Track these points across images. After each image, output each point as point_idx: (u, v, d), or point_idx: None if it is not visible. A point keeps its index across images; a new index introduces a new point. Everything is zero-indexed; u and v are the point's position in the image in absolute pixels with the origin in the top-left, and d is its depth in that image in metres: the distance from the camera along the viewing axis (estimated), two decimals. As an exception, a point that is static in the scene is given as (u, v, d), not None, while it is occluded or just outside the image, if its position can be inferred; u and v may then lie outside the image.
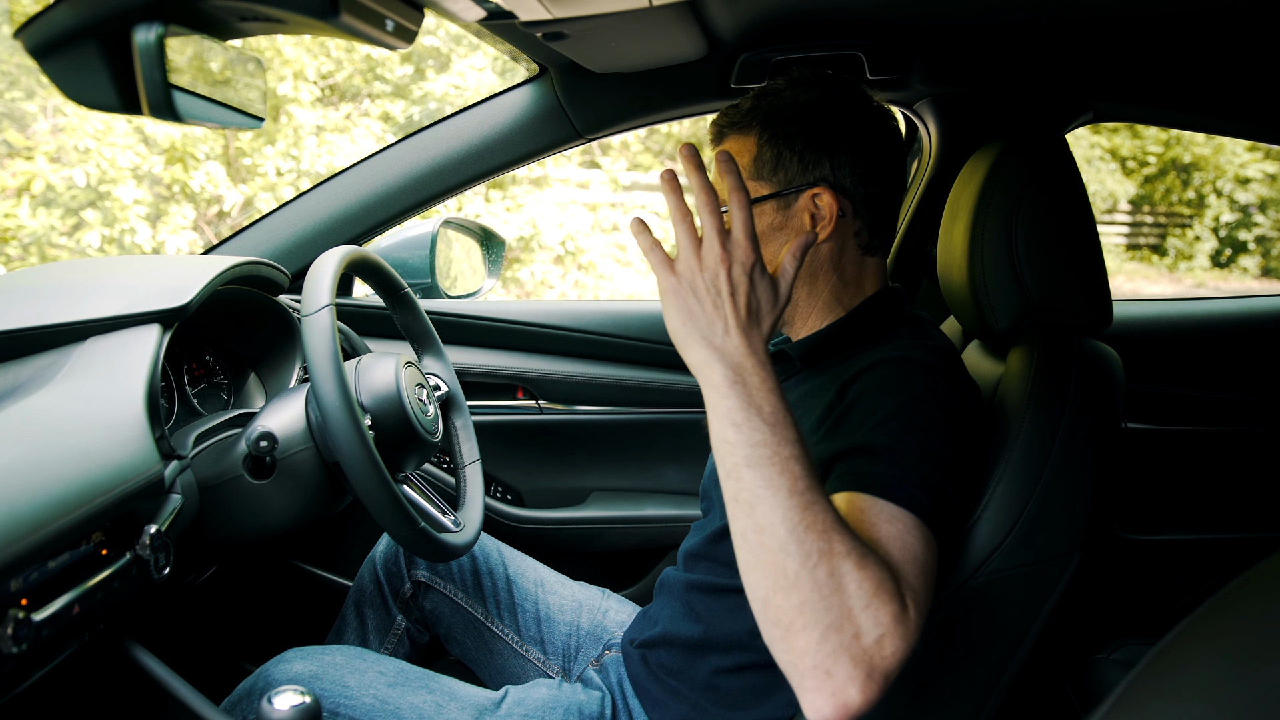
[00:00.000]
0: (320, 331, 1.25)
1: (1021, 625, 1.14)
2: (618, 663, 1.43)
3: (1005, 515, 1.12)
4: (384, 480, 1.24)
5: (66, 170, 5.76)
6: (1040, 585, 1.13)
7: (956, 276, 1.33)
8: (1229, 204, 11.90)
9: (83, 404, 1.13)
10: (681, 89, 1.74)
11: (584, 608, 1.57)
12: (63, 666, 1.05)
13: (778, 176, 1.23)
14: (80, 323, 1.26)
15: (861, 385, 1.11)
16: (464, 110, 1.84)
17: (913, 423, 1.05)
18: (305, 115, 6.62)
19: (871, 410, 1.07)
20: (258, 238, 1.80)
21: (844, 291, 1.27)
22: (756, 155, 1.24)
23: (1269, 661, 0.47)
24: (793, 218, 1.23)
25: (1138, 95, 1.82)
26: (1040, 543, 1.12)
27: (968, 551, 1.12)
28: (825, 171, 1.22)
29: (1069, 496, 1.13)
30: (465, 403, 1.67)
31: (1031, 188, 1.26)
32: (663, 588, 1.39)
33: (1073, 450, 1.14)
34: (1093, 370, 1.20)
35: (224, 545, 1.36)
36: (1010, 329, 1.28)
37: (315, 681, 1.27)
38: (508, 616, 1.55)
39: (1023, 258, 1.25)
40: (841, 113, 1.23)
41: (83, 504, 0.96)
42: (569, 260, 7.52)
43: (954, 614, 1.10)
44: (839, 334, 1.26)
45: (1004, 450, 1.15)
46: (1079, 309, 1.26)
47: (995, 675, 1.14)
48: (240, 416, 1.46)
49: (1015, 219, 1.25)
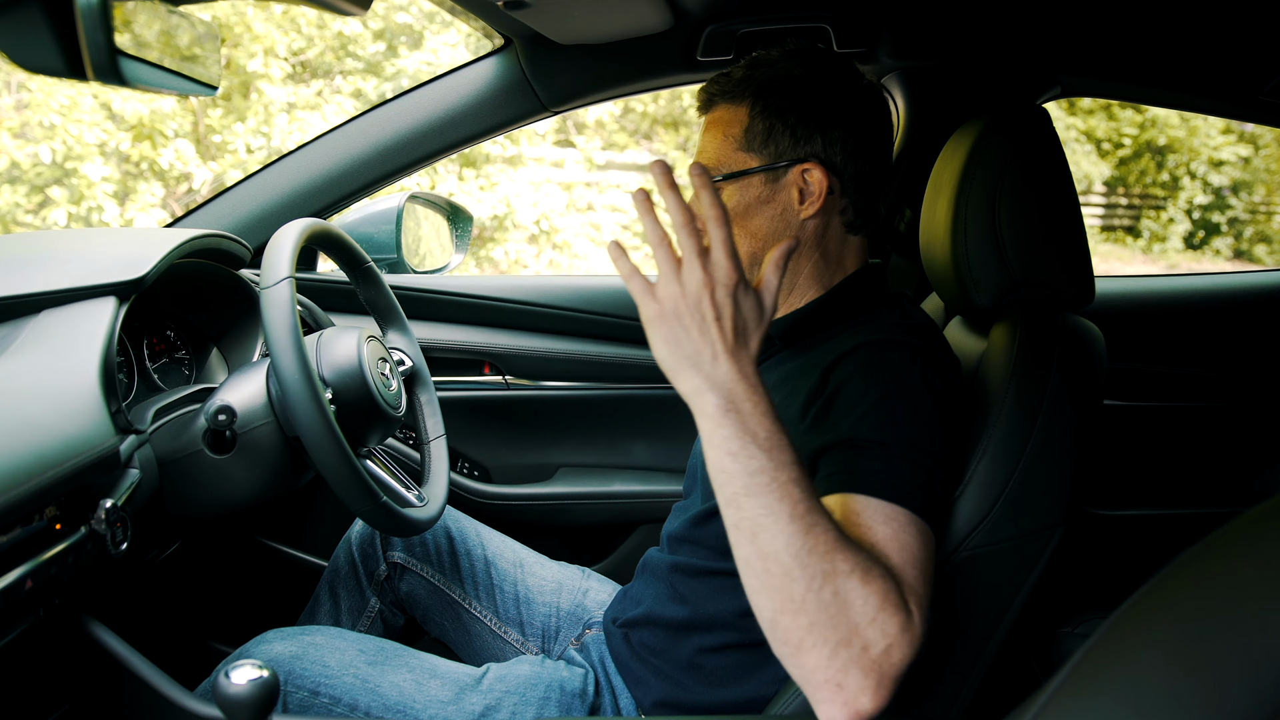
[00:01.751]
0: (279, 304, 1.23)
1: (1005, 600, 1.14)
2: (599, 641, 1.42)
3: (988, 491, 1.12)
4: (344, 454, 1.23)
5: (31, 147, 5.68)
6: (1023, 560, 1.13)
7: (939, 253, 1.33)
8: (1203, 186, 11.99)
9: (35, 377, 1.11)
10: (647, 61, 1.73)
11: (564, 588, 1.56)
12: (18, 642, 1.04)
13: (768, 149, 1.22)
14: (33, 295, 1.24)
15: (844, 371, 1.10)
16: (428, 83, 1.82)
17: (898, 411, 1.05)
18: (276, 92, 6.55)
19: (856, 399, 1.07)
20: (220, 211, 1.78)
21: (825, 269, 1.26)
22: (748, 126, 1.22)
23: (1219, 630, 0.47)
24: (780, 191, 1.22)
25: (1106, 70, 1.83)
26: (1023, 518, 1.12)
27: (951, 527, 1.12)
28: (817, 147, 1.21)
29: (1052, 471, 1.14)
30: (430, 378, 1.66)
31: (1015, 164, 1.26)
32: (645, 568, 1.38)
33: (1055, 425, 1.14)
34: (1075, 346, 1.20)
35: (185, 520, 1.35)
36: (993, 305, 1.28)
37: (296, 662, 1.25)
38: (485, 598, 1.54)
39: (1006, 234, 1.25)
40: (836, 89, 1.22)
41: (32, 477, 0.95)
42: (543, 239, 7.50)
43: (937, 590, 1.10)
44: (819, 312, 1.25)
45: (987, 426, 1.15)
46: (1062, 285, 1.26)
47: (979, 650, 1.15)
48: (201, 391, 1.45)
49: (998, 195, 1.25)
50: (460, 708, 1.25)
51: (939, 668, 1.14)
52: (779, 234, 1.23)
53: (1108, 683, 0.50)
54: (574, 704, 1.29)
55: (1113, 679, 0.49)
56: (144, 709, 1.18)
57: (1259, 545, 0.50)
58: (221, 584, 1.83)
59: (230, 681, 0.97)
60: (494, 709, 1.26)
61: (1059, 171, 1.28)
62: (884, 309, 1.22)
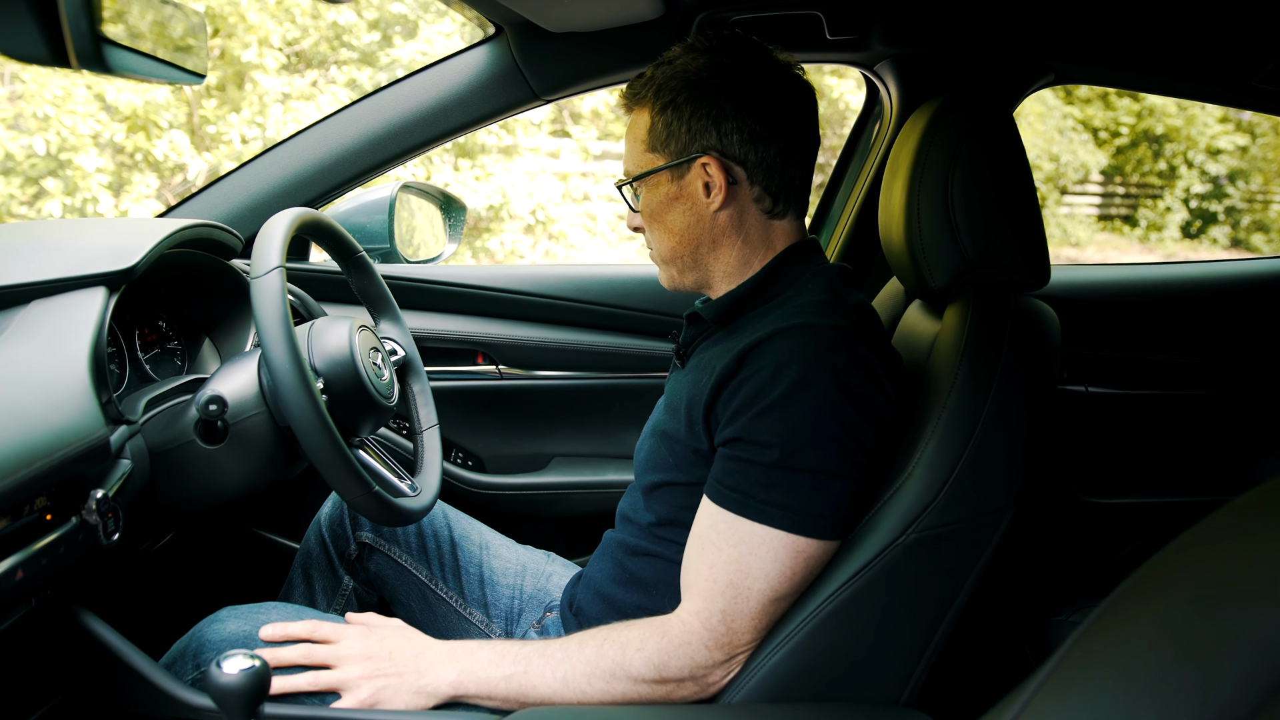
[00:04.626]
0: (270, 294, 1.22)
1: (955, 582, 1.14)
2: (558, 625, 1.43)
3: (937, 472, 1.12)
4: (335, 443, 1.23)
5: (25, 138, 5.65)
6: (973, 542, 1.13)
7: (895, 235, 1.33)
8: (1200, 175, 11.99)
9: (24, 367, 1.11)
10: (639, 50, 1.73)
11: (528, 571, 1.57)
12: (11, 632, 1.04)
13: (669, 147, 1.23)
14: (23, 285, 1.23)
15: (755, 362, 1.12)
16: (420, 71, 1.81)
17: (796, 411, 1.08)
18: (270, 82, 6.53)
19: (759, 393, 1.10)
20: (211, 201, 1.78)
21: (752, 255, 1.27)
22: (650, 126, 1.25)
23: (1209, 617, 0.47)
24: (687, 187, 1.24)
25: (1099, 57, 1.82)
26: (973, 499, 1.12)
27: (899, 508, 1.12)
28: (712, 140, 1.21)
29: (1002, 453, 1.13)
30: (423, 367, 1.65)
31: (968, 144, 1.25)
32: (601, 548, 1.41)
33: (1006, 406, 1.13)
34: (1027, 327, 1.20)
35: (177, 511, 1.35)
36: (947, 287, 1.28)
37: (249, 641, 1.25)
38: (451, 579, 1.55)
39: (959, 215, 1.25)
40: (730, 78, 1.21)
41: (22, 467, 0.94)
42: (539, 230, 7.49)
43: (886, 571, 1.10)
44: (750, 294, 1.26)
45: (935, 407, 1.15)
46: (1016, 267, 1.26)
47: (929, 633, 1.14)
48: (193, 382, 1.44)
49: (951, 176, 1.25)
50: None
51: (887, 649, 1.14)
52: (695, 228, 1.26)
53: (1099, 669, 0.50)
54: None
55: (1104, 665, 0.50)
56: (137, 699, 1.18)
57: (1250, 532, 0.50)
58: (213, 573, 1.83)
59: (222, 671, 0.97)
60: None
61: (1013, 153, 1.27)
62: (810, 287, 1.22)
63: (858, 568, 1.10)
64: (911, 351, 1.35)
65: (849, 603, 1.10)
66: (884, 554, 1.10)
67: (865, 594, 1.10)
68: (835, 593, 1.10)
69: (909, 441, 1.17)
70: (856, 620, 1.11)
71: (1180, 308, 2.13)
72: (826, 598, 1.11)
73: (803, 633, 1.11)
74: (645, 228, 1.31)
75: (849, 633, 1.11)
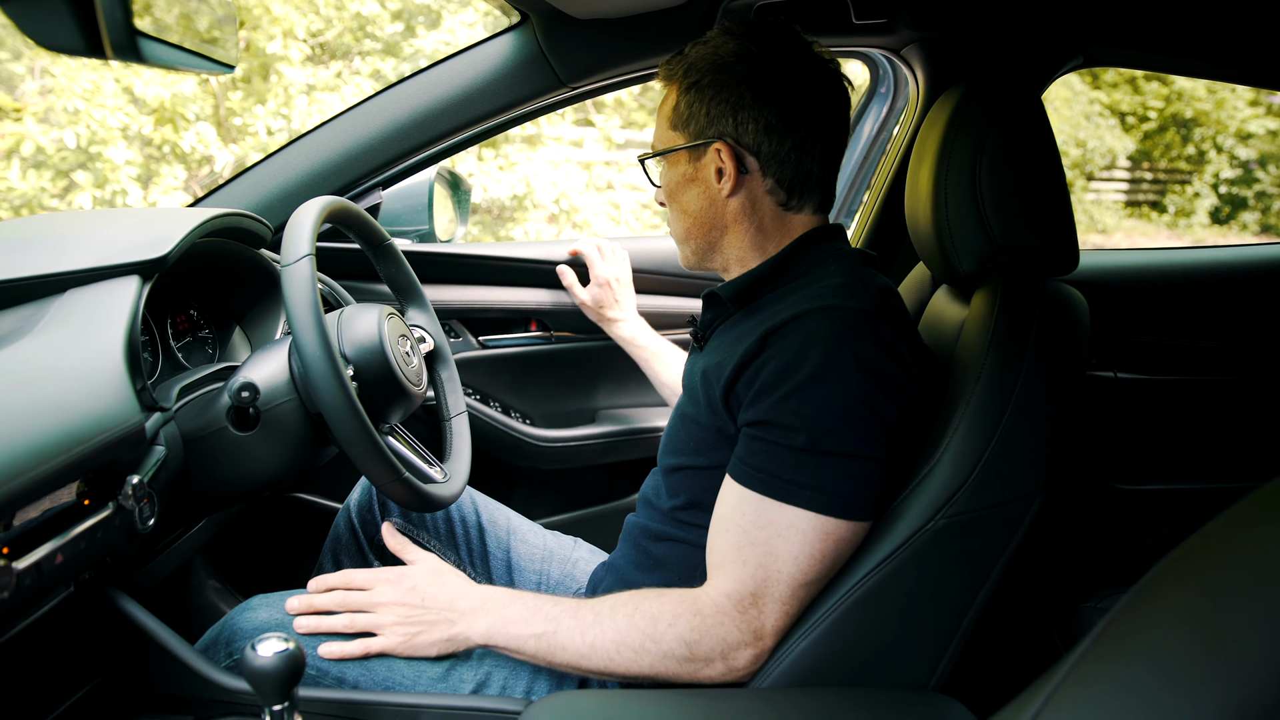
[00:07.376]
0: (300, 281, 1.24)
1: (983, 568, 1.13)
2: None
3: (966, 458, 1.11)
4: (365, 429, 1.24)
5: (56, 132, 5.72)
6: (1002, 528, 1.12)
7: (922, 219, 1.32)
8: (1229, 160, 11.82)
9: (60, 355, 1.13)
10: (664, 36, 1.72)
11: (554, 557, 1.57)
12: (51, 615, 1.06)
13: (689, 128, 1.24)
14: (58, 275, 1.25)
15: (779, 343, 1.12)
16: (445, 60, 1.81)
17: (821, 394, 1.08)
18: (295, 74, 6.56)
19: (783, 376, 1.10)
20: (240, 191, 1.79)
21: (766, 241, 1.28)
22: (675, 105, 1.26)
23: (1238, 602, 0.47)
24: (701, 170, 1.25)
25: (1128, 39, 1.80)
26: (1001, 485, 1.11)
27: (928, 494, 1.12)
28: (728, 127, 1.22)
29: (1031, 439, 1.12)
30: (450, 355, 1.67)
31: (996, 128, 1.24)
32: (624, 534, 1.41)
33: (1034, 392, 1.13)
34: (1056, 312, 1.19)
35: (211, 497, 1.36)
36: (975, 272, 1.27)
37: (280, 629, 1.26)
38: (480, 564, 1.55)
39: (986, 199, 1.24)
40: (755, 66, 1.20)
41: (60, 454, 0.96)
42: (563, 218, 7.49)
43: (914, 557, 1.10)
44: (769, 274, 1.26)
45: (965, 392, 1.15)
46: (1044, 251, 1.25)
47: (957, 619, 1.14)
48: (225, 370, 1.46)
49: (979, 160, 1.24)
50: (450, 684, 1.24)
51: (916, 635, 1.14)
52: (707, 211, 1.27)
53: (1129, 654, 0.50)
54: (564, 676, 1.29)
55: (1134, 650, 0.50)
56: (174, 682, 1.20)
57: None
58: (257, 551, 1.87)
59: (257, 654, 0.99)
60: (485, 684, 1.25)
61: (1041, 137, 1.26)
62: (832, 269, 1.22)
63: (886, 553, 1.10)
64: (939, 337, 1.34)
65: (877, 588, 1.10)
66: (912, 540, 1.10)
67: (893, 579, 1.10)
68: (864, 578, 1.10)
69: (938, 427, 1.16)
70: (885, 606, 1.11)
71: (1210, 292, 2.11)
72: (855, 583, 1.11)
73: (831, 618, 1.11)
74: (666, 203, 1.33)
75: (877, 618, 1.11)
